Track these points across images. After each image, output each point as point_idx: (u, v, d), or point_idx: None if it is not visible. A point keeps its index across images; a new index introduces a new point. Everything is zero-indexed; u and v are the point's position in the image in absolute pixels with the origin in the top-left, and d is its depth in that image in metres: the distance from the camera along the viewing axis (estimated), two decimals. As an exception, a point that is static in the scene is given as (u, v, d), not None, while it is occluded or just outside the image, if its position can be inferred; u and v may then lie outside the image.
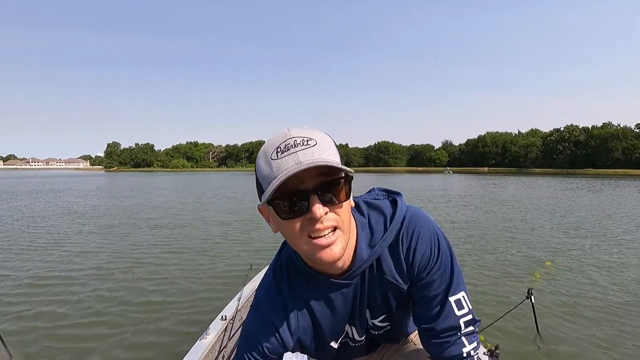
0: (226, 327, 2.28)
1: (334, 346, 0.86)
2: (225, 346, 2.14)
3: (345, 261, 0.73)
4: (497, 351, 1.95)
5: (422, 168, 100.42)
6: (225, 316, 2.35)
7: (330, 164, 0.59)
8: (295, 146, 0.60)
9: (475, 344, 0.77)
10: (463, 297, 0.77)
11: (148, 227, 8.67)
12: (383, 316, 0.83)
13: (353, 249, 0.75)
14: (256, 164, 0.65)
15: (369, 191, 0.86)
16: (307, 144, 0.60)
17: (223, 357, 2.05)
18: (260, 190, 0.64)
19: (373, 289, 0.79)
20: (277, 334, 0.78)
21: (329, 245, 0.64)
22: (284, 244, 0.84)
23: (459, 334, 0.76)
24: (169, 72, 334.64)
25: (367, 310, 0.82)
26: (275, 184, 0.58)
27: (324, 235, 0.63)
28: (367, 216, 0.78)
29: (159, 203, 14.58)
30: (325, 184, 0.62)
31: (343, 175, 0.63)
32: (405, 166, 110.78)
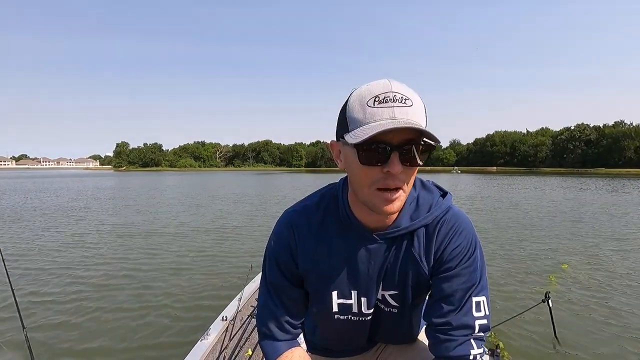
0: (227, 327, 2.25)
1: (334, 302, 0.84)
2: (226, 347, 2.10)
3: (387, 219, 0.77)
4: (498, 350, 1.87)
5: (429, 167, 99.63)
6: (226, 317, 2.32)
7: (422, 129, 0.61)
8: (394, 101, 0.62)
9: (481, 351, 0.76)
10: (484, 301, 0.77)
11: (147, 228, 8.65)
12: (395, 292, 0.82)
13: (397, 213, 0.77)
14: (347, 103, 0.67)
15: (428, 181, 0.89)
16: (405, 103, 0.62)
17: (224, 357, 2.01)
18: (344, 128, 0.67)
19: (396, 260, 0.79)
20: (292, 260, 0.83)
21: (393, 200, 0.67)
22: (329, 186, 0.87)
23: (470, 335, 0.75)
24: (177, 73, 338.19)
25: (382, 283, 0.82)
26: (370, 132, 0.60)
27: (392, 189, 0.66)
28: (417, 192, 0.81)
29: (160, 204, 14.63)
30: (410, 144, 0.63)
31: (426, 142, 0.65)
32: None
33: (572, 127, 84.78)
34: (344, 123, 0.67)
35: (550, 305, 2.78)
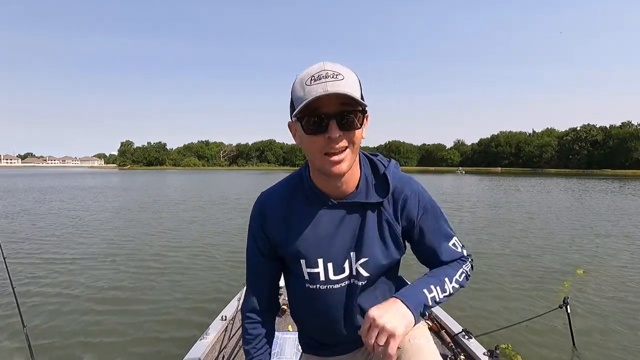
0: (226, 327, 2.26)
1: (304, 270, 0.90)
2: (225, 346, 2.09)
3: (346, 186, 0.86)
4: (497, 351, 1.79)
5: (433, 168, 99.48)
6: (226, 316, 2.32)
7: (350, 94, 0.71)
8: (326, 77, 0.72)
9: (468, 269, 0.95)
10: (455, 241, 0.96)
11: (148, 227, 8.66)
12: (364, 259, 0.89)
13: (356, 182, 0.88)
14: (292, 88, 0.78)
15: (375, 154, 0.98)
16: (336, 77, 0.72)
17: (223, 357, 1.99)
18: (292, 109, 0.78)
19: (365, 226, 0.88)
20: (265, 235, 0.92)
21: (339, 162, 0.76)
22: (297, 169, 0.97)
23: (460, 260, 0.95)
24: (182, 73, 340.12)
25: (350, 250, 0.89)
26: (304, 103, 0.71)
27: (337, 153, 0.76)
28: (376, 165, 0.93)
29: (161, 200, 14.64)
30: (344, 112, 0.74)
31: (360, 108, 0.75)
32: (416, 166, 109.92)
33: (578, 128, 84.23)
34: (292, 104, 0.78)
35: (569, 311, 2.63)
